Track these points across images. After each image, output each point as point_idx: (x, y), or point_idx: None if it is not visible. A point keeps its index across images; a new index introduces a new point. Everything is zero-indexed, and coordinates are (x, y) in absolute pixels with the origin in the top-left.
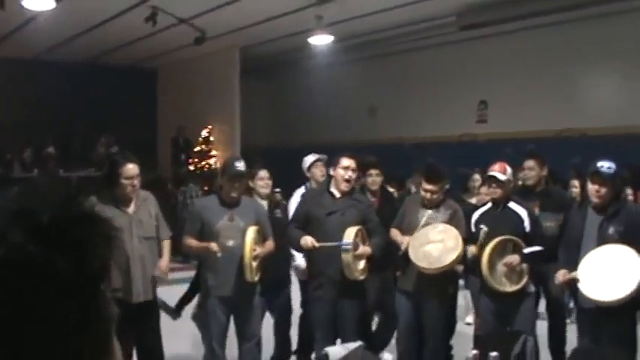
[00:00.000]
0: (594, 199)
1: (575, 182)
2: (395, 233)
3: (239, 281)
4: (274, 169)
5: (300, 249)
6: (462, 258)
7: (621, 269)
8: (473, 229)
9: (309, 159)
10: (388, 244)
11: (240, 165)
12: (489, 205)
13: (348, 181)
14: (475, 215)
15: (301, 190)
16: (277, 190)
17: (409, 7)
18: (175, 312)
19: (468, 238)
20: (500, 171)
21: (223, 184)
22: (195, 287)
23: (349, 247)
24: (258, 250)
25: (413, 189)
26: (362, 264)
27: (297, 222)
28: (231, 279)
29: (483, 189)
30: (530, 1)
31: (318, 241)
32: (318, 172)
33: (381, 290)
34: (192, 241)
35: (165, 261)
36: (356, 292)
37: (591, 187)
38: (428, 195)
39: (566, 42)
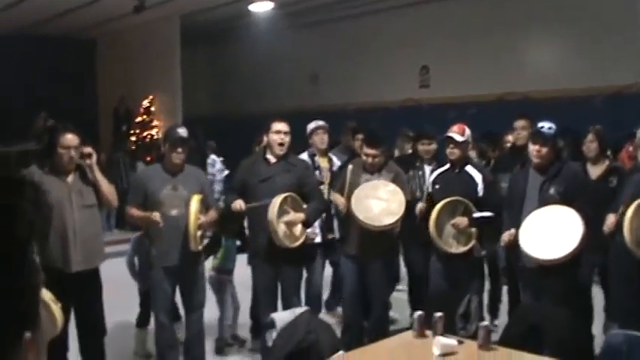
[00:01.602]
0: (535, 160)
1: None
2: (336, 196)
3: (184, 251)
4: (217, 139)
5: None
6: (409, 214)
7: (562, 229)
8: (430, 189)
9: (310, 126)
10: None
11: (182, 131)
12: (447, 166)
13: (281, 144)
14: (432, 175)
15: (304, 155)
16: (221, 159)
17: None
18: None
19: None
20: (458, 132)
21: (166, 152)
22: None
23: (268, 202)
24: (202, 219)
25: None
26: (297, 230)
27: (234, 190)
28: (175, 249)
29: (472, 153)
30: None
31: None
32: (318, 139)
33: None
34: (134, 211)
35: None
36: (295, 257)
37: (532, 148)
38: (369, 159)
39: (507, 5)
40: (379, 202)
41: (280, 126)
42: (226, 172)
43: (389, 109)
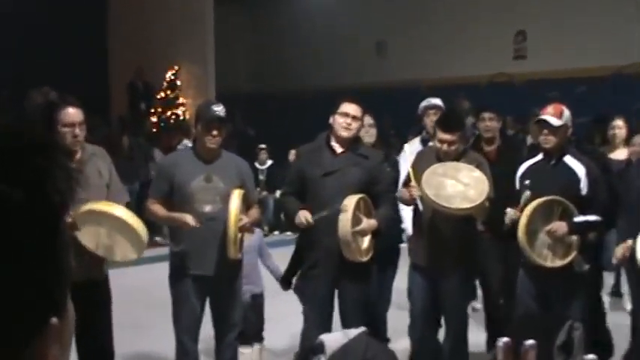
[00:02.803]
0: None
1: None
2: (403, 192)
3: (219, 257)
4: (258, 121)
5: (296, 227)
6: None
7: None
8: (517, 186)
9: (421, 105)
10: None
11: (219, 108)
12: (540, 156)
13: (347, 128)
14: (521, 169)
15: (416, 142)
16: (262, 146)
17: None
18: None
19: (512, 197)
20: (554, 114)
21: (198, 135)
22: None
23: (342, 208)
24: (245, 220)
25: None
26: (366, 241)
27: (291, 186)
28: (208, 254)
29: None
30: None
31: (312, 208)
32: (429, 121)
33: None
34: (158, 209)
35: None
36: (360, 272)
37: None
38: (444, 146)
39: None
40: (456, 184)
41: (349, 108)
42: (269, 162)
43: (474, 87)
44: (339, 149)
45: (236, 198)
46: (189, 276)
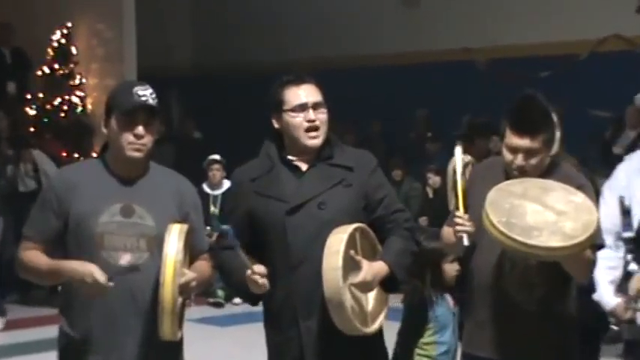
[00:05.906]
0: None
1: None
2: (448, 233)
3: (145, 340)
4: (206, 119)
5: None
6: None
7: None
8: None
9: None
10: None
11: (145, 92)
12: None
13: (314, 128)
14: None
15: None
16: (215, 158)
17: None
18: None
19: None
20: None
21: (112, 136)
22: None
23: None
24: (190, 275)
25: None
26: (370, 299)
27: (235, 225)
28: (124, 335)
29: None
30: None
31: (277, 268)
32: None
33: None
34: (39, 258)
35: None
36: (367, 354)
37: None
38: (519, 158)
39: None
40: (544, 211)
41: (303, 93)
42: (226, 183)
43: (568, 60)
44: (303, 164)
45: (176, 237)
46: None
